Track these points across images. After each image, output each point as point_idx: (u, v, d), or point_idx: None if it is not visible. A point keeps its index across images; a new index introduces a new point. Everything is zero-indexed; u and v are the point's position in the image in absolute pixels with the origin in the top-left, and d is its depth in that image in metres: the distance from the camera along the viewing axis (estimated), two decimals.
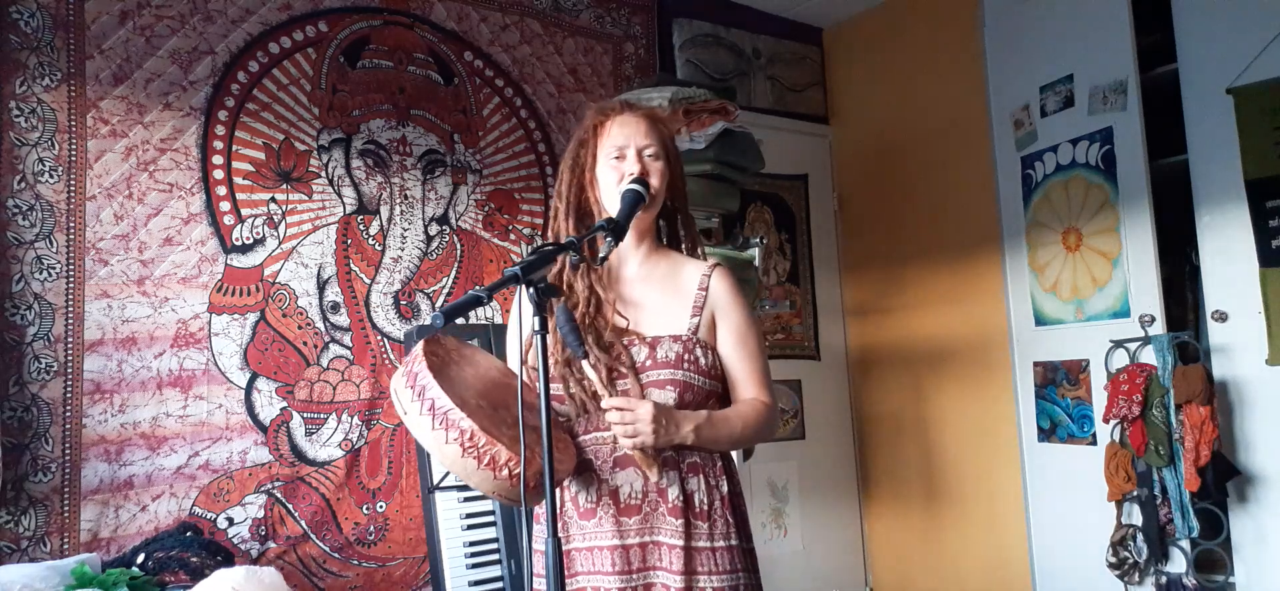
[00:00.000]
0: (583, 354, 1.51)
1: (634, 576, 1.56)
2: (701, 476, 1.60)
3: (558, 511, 1.60)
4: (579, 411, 1.61)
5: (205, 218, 2.74)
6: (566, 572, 1.58)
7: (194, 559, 2.41)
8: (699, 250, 1.77)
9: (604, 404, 1.52)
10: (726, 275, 1.70)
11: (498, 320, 3.05)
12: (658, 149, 1.65)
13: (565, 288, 1.67)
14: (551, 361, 1.61)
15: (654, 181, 1.62)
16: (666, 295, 1.67)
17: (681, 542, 1.54)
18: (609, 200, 1.65)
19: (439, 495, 2.65)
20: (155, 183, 2.67)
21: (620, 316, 1.64)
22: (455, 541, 2.65)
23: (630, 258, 1.70)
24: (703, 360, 1.62)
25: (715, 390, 1.65)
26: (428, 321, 3.01)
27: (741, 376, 1.66)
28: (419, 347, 1.48)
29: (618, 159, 1.64)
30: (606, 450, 1.59)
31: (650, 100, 2.78)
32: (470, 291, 1.38)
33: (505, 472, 1.37)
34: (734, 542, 1.60)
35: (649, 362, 1.60)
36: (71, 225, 2.54)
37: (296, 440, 2.81)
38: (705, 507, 1.58)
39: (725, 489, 1.62)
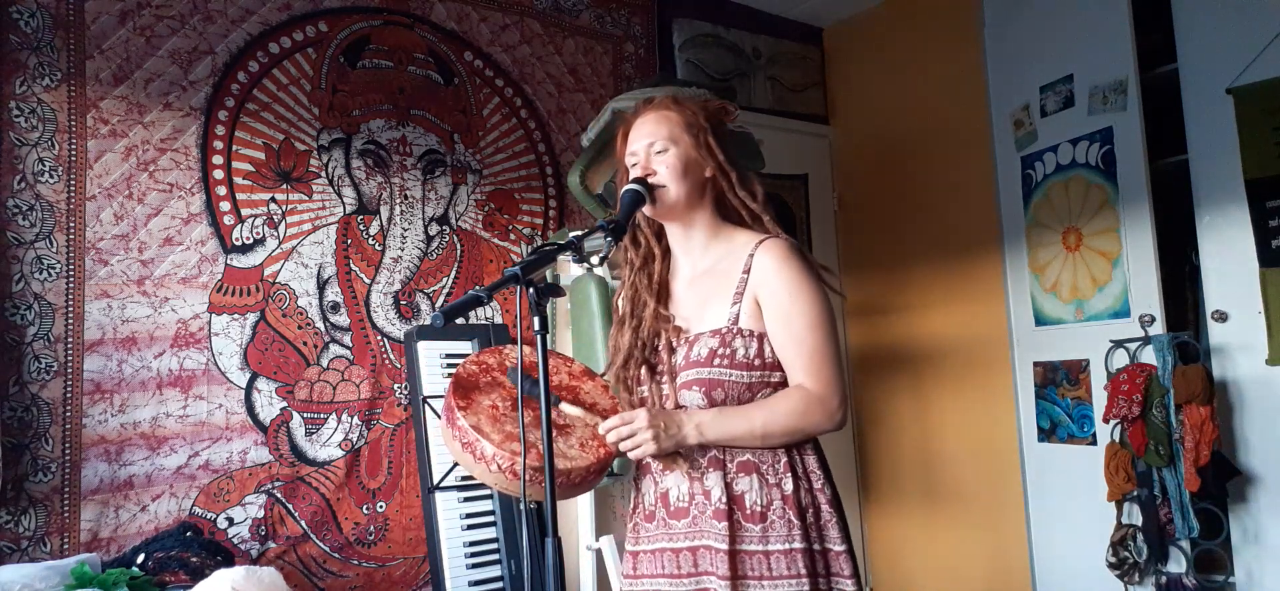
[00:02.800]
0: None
1: (686, 581, 1.54)
2: (755, 475, 1.51)
3: (632, 511, 1.66)
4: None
5: (205, 218, 2.74)
6: (634, 573, 1.62)
7: (194, 559, 2.42)
8: (765, 221, 1.63)
9: (600, 430, 1.52)
10: (773, 248, 1.55)
11: (498, 320, 3.06)
12: (664, 143, 1.62)
13: (628, 286, 1.71)
14: (609, 370, 1.67)
15: (657, 175, 1.60)
16: (719, 283, 1.60)
17: (726, 546, 1.47)
18: None
19: (439, 495, 2.65)
20: (155, 183, 2.67)
21: (664, 315, 1.63)
22: (455, 541, 2.65)
23: (685, 254, 1.68)
24: (742, 351, 1.53)
25: (764, 380, 1.54)
26: (428, 321, 3.01)
27: (787, 362, 1.53)
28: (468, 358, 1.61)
29: (632, 166, 1.66)
30: None
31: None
32: (470, 291, 1.40)
33: (495, 466, 1.43)
34: (798, 545, 1.47)
35: (682, 363, 1.57)
36: (71, 225, 2.54)
37: (296, 440, 2.81)
38: (758, 509, 1.49)
39: (789, 488, 1.50)
